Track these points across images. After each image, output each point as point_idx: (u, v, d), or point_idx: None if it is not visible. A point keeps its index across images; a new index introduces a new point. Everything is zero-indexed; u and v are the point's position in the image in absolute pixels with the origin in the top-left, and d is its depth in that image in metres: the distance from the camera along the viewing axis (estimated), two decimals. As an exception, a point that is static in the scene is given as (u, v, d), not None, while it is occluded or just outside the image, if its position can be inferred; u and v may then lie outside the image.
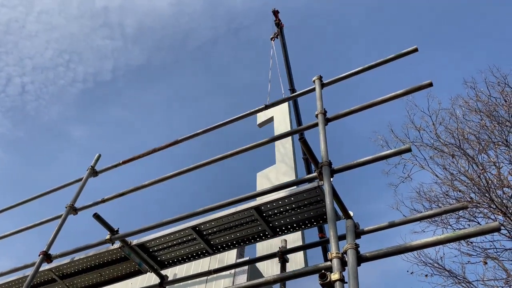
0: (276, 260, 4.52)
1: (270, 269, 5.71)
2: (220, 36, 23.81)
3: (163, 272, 4.77)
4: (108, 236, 4.34)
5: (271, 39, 7.96)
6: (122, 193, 5.02)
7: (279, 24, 6.27)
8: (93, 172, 5.66)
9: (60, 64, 21.97)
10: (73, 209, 5.17)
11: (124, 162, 5.54)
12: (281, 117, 8.35)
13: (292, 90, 8.77)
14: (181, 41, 23.77)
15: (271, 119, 8.56)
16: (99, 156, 5.80)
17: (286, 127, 8.06)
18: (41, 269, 4.71)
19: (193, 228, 4.20)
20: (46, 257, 4.61)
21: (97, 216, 4.33)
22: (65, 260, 4.76)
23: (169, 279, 4.81)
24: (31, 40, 21.05)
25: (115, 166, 5.63)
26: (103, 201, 5.08)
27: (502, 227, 10.96)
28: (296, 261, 5.80)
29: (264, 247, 5.95)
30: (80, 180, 5.59)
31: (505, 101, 12.60)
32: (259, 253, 5.94)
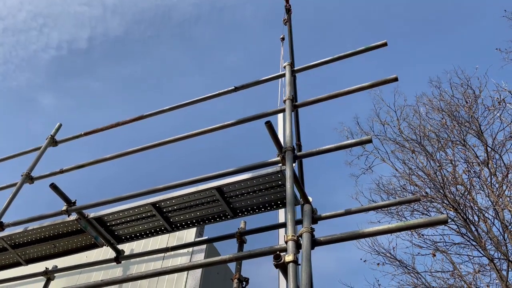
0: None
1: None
2: (203, 14, 23.18)
3: (120, 247, 4.74)
4: (64, 207, 4.26)
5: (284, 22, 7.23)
6: (81, 165, 4.92)
7: (289, 10, 6.10)
8: (53, 142, 5.49)
9: (34, 27, 20.78)
10: (29, 178, 5.02)
11: (86, 134, 5.41)
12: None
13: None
14: (162, 15, 22.99)
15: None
16: (60, 125, 5.63)
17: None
18: (-9, 237, 4.58)
19: (153, 204, 4.18)
20: (-2, 225, 4.48)
21: (54, 187, 4.23)
22: (18, 229, 4.64)
23: (125, 254, 4.79)
24: (3, 0, 19.80)
25: (77, 137, 5.50)
26: (61, 171, 4.96)
27: (452, 223, 11.52)
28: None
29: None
30: (38, 148, 5.42)
31: (466, 103, 13.11)
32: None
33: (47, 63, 22.32)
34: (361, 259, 12.57)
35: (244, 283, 3.94)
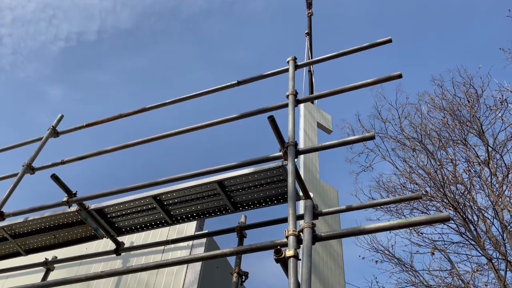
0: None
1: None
2: (213, 8, 23.01)
3: (120, 239, 4.74)
4: (65, 198, 4.26)
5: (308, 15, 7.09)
6: (82, 157, 4.91)
7: (311, 4, 6.04)
8: (54, 133, 5.48)
9: (43, 19, 20.63)
10: (30, 168, 5.01)
11: (88, 125, 5.39)
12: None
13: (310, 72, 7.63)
14: (173, 9, 22.82)
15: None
16: (62, 116, 5.61)
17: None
18: (-8, 226, 4.58)
19: (154, 197, 4.17)
20: (-1, 214, 4.48)
21: (55, 177, 4.22)
22: (19, 219, 4.64)
23: (125, 246, 4.79)
24: (13, -10, 19.68)
25: (78, 128, 5.48)
26: (63, 162, 4.95)
27: (452, 221, 11.53)
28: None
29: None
30: (40, 139, 5.40)
31: (468, 102, 13.09)
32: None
33: (55, 55, 22.24)
34: (359, 256, 12.62)
35: (243, 277, 3.94)
